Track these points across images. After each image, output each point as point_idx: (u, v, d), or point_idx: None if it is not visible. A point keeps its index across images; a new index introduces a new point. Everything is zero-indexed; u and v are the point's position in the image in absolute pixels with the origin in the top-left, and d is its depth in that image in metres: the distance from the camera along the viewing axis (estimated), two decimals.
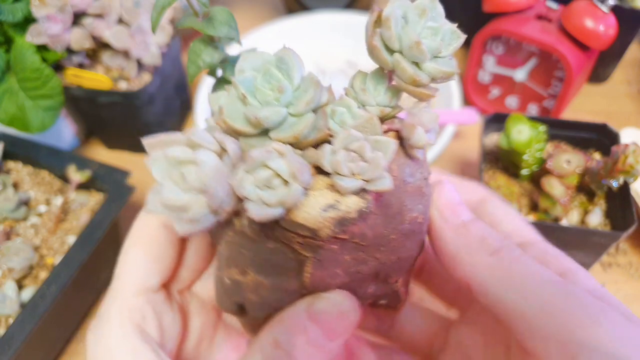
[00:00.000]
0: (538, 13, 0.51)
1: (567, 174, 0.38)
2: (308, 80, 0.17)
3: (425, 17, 0.17)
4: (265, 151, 0.16)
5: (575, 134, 0.43)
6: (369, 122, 0.17)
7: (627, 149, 0.35)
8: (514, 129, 0.39)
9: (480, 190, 0.24)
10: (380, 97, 0.18)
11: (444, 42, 0.17)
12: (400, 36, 0.17)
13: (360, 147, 0.16)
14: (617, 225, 0.38)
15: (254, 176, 0.16)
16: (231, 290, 0.20)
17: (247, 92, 0.16)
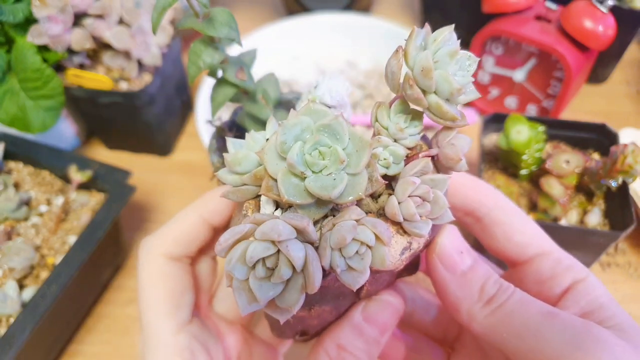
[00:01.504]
0: (537, 14, 0.51)
1: (566, 174, 0.38)
2: (355, 138, 0.17)
3: (455, 57, 0.17)
4: (350, 225, 0.17)
5: (574, 134, 0.43)
6: (424, 164, 0.18)
7: (626, 149, 0.35)
8: (513, 129, 0.39)
9: (493, 195, 0.24)
10: (410, 129, 0.19)
11: (463, 69, 0.18)
12: (437, 80, 0.17)
13: (425, 193, 0.18)
14: (616, 225, 0.38)
15: (344, 251, 0.17)
16: (294, 324, 0.21)
17: (302, 167, 0.16)
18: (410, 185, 0.18)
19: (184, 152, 0.58)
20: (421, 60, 0.17)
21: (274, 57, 0.63)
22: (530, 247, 0.23)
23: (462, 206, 0.24)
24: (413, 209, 0.17)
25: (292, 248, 0.16)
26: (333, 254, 0.17)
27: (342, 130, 0.16)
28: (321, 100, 0.29)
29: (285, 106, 0.36)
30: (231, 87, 0.30)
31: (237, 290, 0.17)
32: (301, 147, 0.16)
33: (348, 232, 0.16)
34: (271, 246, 0.16)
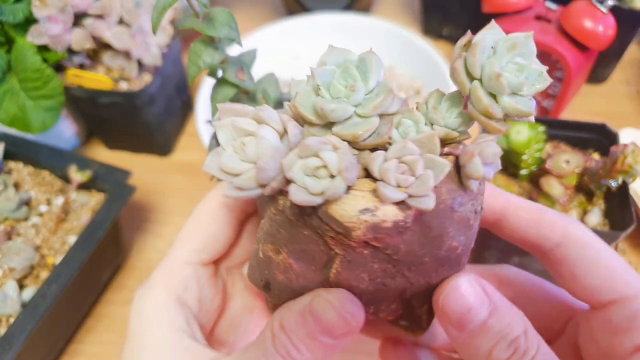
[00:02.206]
0: (537, 14, 0.51)
1: (566, 174, 0.38)
2: (383, 86, 0.17)
3: (515, 51, 0.16)
4: (321, 141, 0.16)
5: (574, 134, 0.43)
6: (430, 139, 0.17)
7: (626, 149, 0.35)
8: (513, 129, 0.39)
9: (562, 225, 0.20)
10: (450, 120, 0.18)
11: (528, 80, 0.17)
12: (483, 65, 0.16)
13: (413, 161, 0.16)
14: (615, 225, 0.38)
15: (304, 162, 0.16)
16: (263, 265, 0.20)
17: (322, 84, 0.17)
18: (401, 148, 0.16)
19: (184, 152, 0.58)
20: (476, 42, 0.16)
21: (274, 57, 0.63)
22: (604, 291, 0.19)
23: (525, 239, 0.21)
24: (391, 168, 0.16)
25: (264, 130, 0.17)
26: (296, 160, 0.16)
27: (374, 71, 0.17)
28: None
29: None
30: (231, 87, 0.30)
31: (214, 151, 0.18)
32: (332, 71, 0.17)
33: (315, 142, 0.16)
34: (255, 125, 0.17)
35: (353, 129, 0.17)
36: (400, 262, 0.18)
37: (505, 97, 0.17)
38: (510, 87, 0.16)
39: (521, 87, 0.17)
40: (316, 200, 0.16)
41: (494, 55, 0.17)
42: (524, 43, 0.17)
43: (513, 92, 0.17)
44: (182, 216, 0.52)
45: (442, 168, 0.16)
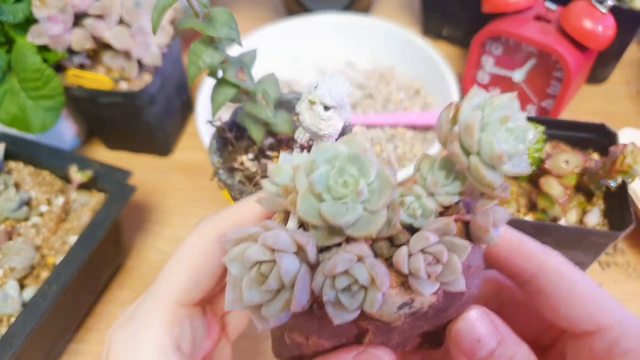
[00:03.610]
0: (537, 14, 0.51)
1: (565, 174, 0.38)
2: (382, 177, 0.17)
3: (506, 124, 0.17)
4: (346, 258, 0.16)
5: (573, 134, 0.43)
6: (447, 225, 0.17)
7: (625, 149, 0.35)
8: None
9: (540, 257, 0.21)
10: (449, 187, 0.19)
11: (518, 140, 0.17)
12: (481, 141, 0.17)
13: (438, 252, 0.17)
14: (615, 225, 0.38)
15: (336, 283, 0.16)
16: (291, 348, 0.21)
17: (322, 189, 0.16)
18: (422, 240, 0.17)
19: (184, 152, 0.58)
20: (467, 118, 0.17)
21: (274, 58, 0.63)
22: (581, 321, 0.19)
23: (504, 268, 0.21)
24: (420, 263, 0.17)
25: (285, 260, 0.16)
26: (326, 282, 0.17)
27: (370, 165, 0.16)
28: (321, 100, 0.29)
29: (285, 106, 0.36)
30: (231, 88, 0.30)
31: (230, 285, 0.17)
32: (327, 171, 0.17)
33: (341, 262, 0.16)
34: (268, 253, 0.16)
35: (367, 229, 0.17)
36: (429, 318, 0.19)
37: (505, 166, 0.17)
38: (508, 157, 0.17)
39: (517, 153, 0.17)
40: (354, 315, 0.17)
41: (488, 129, 0.17)
42: (512, 111, 0.17)
43: (506, 159, 0.17)
44: (183, 216, 0.52)
45: (464, 249, 0.17)
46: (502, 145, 0.17)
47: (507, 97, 0.17)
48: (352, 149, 0.17)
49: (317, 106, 0.29)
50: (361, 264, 0.17)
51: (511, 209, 0.39)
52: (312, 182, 0.16)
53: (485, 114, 0.17)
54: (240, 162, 0.35)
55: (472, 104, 0.17)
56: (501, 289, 0.24)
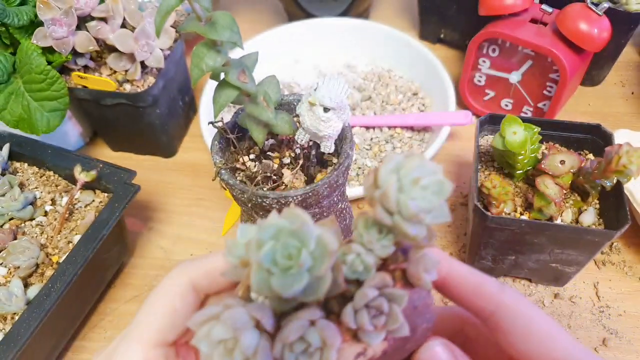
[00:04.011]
0: (533, 16, 0.51)
1: (561, 174, 0.39)
2: (321, 244, 0.19)
3: (418, 185, 0.19)
4: (299, 325, 0.19)
5: (569, 135, 0.44)
6: (383, 279, 0.20)
7: (620, 150, 0.36)
8: (509, 130, 0.40)
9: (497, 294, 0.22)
10: (383, 241, 0.21)
11: (435, 194, 0.19)
12: (399, 203, 0.19)
13: (379, 305, 0.19)
14: (610, 224, 0.39)
15: (293, 348, 0.19)
16: None
17: (271, 265, 0.18)
18: (363, 297, 0.19)
19: (187, 153, 0.58)
20: (384, 184, 0.19)
21: (275, 60, 0.64)
22: (538, 358, 0.20)
23: (466, 306, 0.22)
24: (365, 318, 0.19)
25: (245, 336, 0.18)
26: (284, 348, 0.19)
27: (309, 236, 0.19)
28: (321, 102, 0.30)
29: (286, 108, 0.36)
30: (233, 89, 0.30)
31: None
32: (273, 246, 0.18)
33: (294, 331, 0.19)
34: (230, 330, 0.18)
35: (314, 294, 0.19)
36: (387, 357, 0.21)
37: (426, 220, 0.19)
38: (426, 212, 0.19)
39: (434, 206, 0.19)
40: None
41: (404, 191, 0.19)
42: (423, 171, 0.19)
43: (422, 216, 0.19)
44: (185, 215, 0.52)
45: (402, 298, 0.19)
46: (419, 203, 0.19)
47: (417, 158, 0.20)
48: (292, 223, 0.19)
49: (317, 108, 0.30)
50: (313, 328, 0.19)
51: (507, 209, 0.40)
52: (259, 259, 0.18)
53: (400, 176, 0.19)
54: (242, 163, 0.35)
55: (387, 168, 0.20)
56: (466, 325, 0.25)
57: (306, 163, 0.35)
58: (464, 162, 0.55)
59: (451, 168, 0.55)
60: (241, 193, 0.32)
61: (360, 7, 0.69)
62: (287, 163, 0.36)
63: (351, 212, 0.41)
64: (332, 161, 0.36)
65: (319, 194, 0.31)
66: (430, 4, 0.64)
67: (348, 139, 0.33)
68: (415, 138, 0.56)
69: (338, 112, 0.31)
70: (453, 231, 0.49)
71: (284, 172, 0.35)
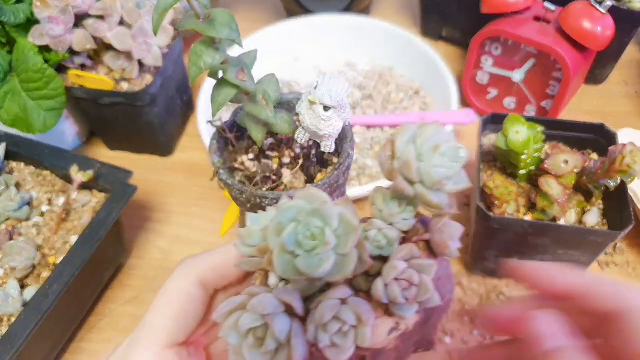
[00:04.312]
0: (536, 14, 0.51)
1: (564, 174, 0.39)
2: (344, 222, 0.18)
3: (437, 152, 0.19)
4: (331, 305, 0.18)
5: (572, 135, 0.43)
6: (410, 250, 0.20)
7: (624, 149, 0.36)
8: (512, 129, 0.39)
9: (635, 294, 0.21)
10: (403, 214, 0.21)
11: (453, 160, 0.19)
12: (420, 171, 0.19)
13: (409, 276, 0.19)
14: (614, 224, 0.38)
15: (327, 328, 0.18)
16: None
17: (294, 247, 0.18)
18: (393, 270, 0.19)
19: (185, 152, 0.58)
20: (403, 154, 0.19)
21: (275, 58, 0.63)
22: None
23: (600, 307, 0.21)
24: (397, 292, 0.19)
25: (276, 321, 0.18)
26: (318, 330, 0.18)
27: (331, 215, 0.18)
28: (321, 100, 0.29)
29: (286, 107, 0.36)
30: (232, 88, 0.30)
31: (232, 354, 0.19)
32: (294, 228, 0.18)
33: (328, 311, 0.18)
34: (259, 318, 0.18)
35: (342, 272, 0.18)
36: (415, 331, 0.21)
37: (447, 187, 0.19)
38: (447, 179, 0.19)
39: (454, 173, 0.19)
40: (351, 352, 0.18)
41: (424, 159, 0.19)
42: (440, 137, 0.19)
43: (445, 182, 0.19)
44: (184, 216, 0.52)
45: (431, 268, 0.19)
46: (440, 170, 0.19)
47: (433, 126, 0.20)
48: (312, 203, 0.19)
49: (317, 106, 0.30)
50: (346, 306, 0.19)
51: (510, 209, 0.40)
52: (283, 242, 0.18)
53: (417, 146, 0.19)
54: (241, 162, 0.35)
55: (404, 139, 0.20)
56: None
57: (306, 163, 0.35)
58: (466, 162, 0.54)
59: None
60: (240, 193, 0.31)
61: (361, 5, 0.68)
62: (286, 163, 0.35)
63: None
64: (332, 161, 0.35)
65: None
66: (432, 1, 0.63)
67: (349, 138, 0.33)
68: None
69: (338, 110, 0.30)
70: None
71: (283, 172, 0.34)
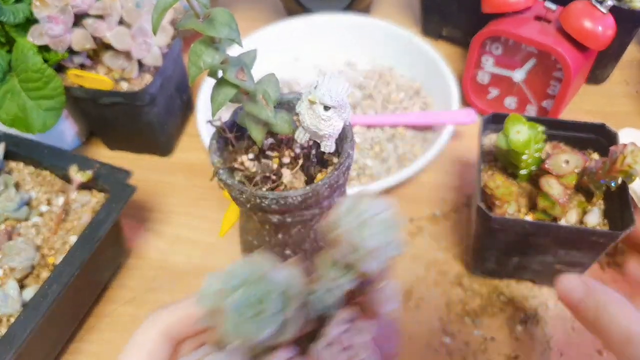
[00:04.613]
0: (537, 14, 0.51)
1: (565, 174, 0.39)
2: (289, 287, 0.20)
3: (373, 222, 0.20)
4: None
5: (573, 134, 0.43)
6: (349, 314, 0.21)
7: (625, 149, 0.35)
8: (513, 129, 0.39)
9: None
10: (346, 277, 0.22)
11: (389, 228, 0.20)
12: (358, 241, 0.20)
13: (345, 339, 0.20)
14: (615, 225, 0.38)
15: None
16: None
17: (239, 311, 0.19)
18: (327, 334, 0.20)
19: (184, 152, 0.58)
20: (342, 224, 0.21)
21: (274, 58, 0.63)
22: None
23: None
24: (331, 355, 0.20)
25: None
26: None
27: (276, 280, 0.19)
28: (321, 100, 0.29)
29: (286, 106, 0.36)
30: (231, 88, 0.30)
31: None
32: (240, 294, 0.19)
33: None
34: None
35: (286, 335, 0.19)
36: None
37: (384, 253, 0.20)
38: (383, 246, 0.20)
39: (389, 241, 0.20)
40: None
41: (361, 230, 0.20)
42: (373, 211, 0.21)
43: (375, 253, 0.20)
44: (183, 216, 0.52)
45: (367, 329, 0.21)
46: (377, 238, 0.20)
47: (368, 197, 0.21)
48: (259, 269, 0.20)
49: (317, 106, 0.29)
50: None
51: (511, 209, 0.40)
52: (228, 308, 0.19)
53: (355, 216, 0.21)
54: (241, 162, 0.35)
55: (343, 209, 0.21)
56: None
57: (306, 163, 0.35)
58: (467, 162, 0.54)
59: (454, 168, 0.54)
60: (240, 193, 0.31)
61: (361, 4, 0.68)
62: (286, 163, 0.35)
63: None
64: (332, 161, 0.35)
65: (319, 194, 0.31)
66: (432, 1, 0.63)
67: (349, 138, 0.33)
68: (417, 137, 0.55)
69: (339, 110, 0.30)
70: (456, 232, 0.49)
71: (283, 172, 0.34)
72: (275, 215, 0.32)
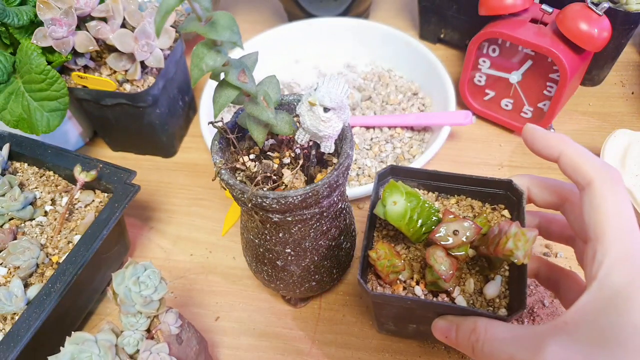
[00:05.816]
0: (533, 16, 0.51)
1: (453, 246, 0.32)
2: (104, 348, 0.27)
3: (139, 281, 0.33)
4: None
5: (482, 189, 0.37)
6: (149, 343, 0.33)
7: (509, 231, 0.30)
8: (390, 199, 0.33)
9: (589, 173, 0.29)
10: (140, 321, 0.35)
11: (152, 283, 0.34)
12: (132, 298, 0.30)
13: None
14: (515, 297, 0.32)
15: None
16: None
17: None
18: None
19: (187, 153, 0.58)
20: (118, 290, 0.32)
21: (275, 60, 0.64)
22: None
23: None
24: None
25: None
26: None
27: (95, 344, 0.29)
28: (321, 102, 0.30)
29: (286, 108, 0.36)
30: (233, 90, 0.30)
31: None
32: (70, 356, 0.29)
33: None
34: None
35: None
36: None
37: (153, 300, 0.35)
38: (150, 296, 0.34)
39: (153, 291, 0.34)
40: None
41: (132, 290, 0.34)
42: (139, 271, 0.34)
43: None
44: (185, 215, 0.52)
45: (163, 349, 0.33)
46: (143, 293, 0.32)
47: (137, 266, 0.32)
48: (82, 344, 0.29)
49: (317, 108, 0.30)
50: None
51: (403, 277, 0.34)
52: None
53: (125, 282, 0.32)
54: (242, 163, 0.35)
55: (118, 280, 0.33)
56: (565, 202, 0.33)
57: (306, 163, 0.35)
58: (464, 163, 0.55)
59: (451, 168, 0.55)
60: (241, 193, 0.32)
61: (360, 7, 0.69)
62: (287, 163, 0.36)
63: (351, 212, 0.41)
64: (332, 161, 0.36)
65: (319, 194, 0.31)
66: (430, 4, 0.64)
67: (348, 139, 0.33)
68: (415, 138, 0.56)
69: (338, 112, 0.31)
70: None
71: (284, 172, 0.35)
72: (276, 214, 0.32)
